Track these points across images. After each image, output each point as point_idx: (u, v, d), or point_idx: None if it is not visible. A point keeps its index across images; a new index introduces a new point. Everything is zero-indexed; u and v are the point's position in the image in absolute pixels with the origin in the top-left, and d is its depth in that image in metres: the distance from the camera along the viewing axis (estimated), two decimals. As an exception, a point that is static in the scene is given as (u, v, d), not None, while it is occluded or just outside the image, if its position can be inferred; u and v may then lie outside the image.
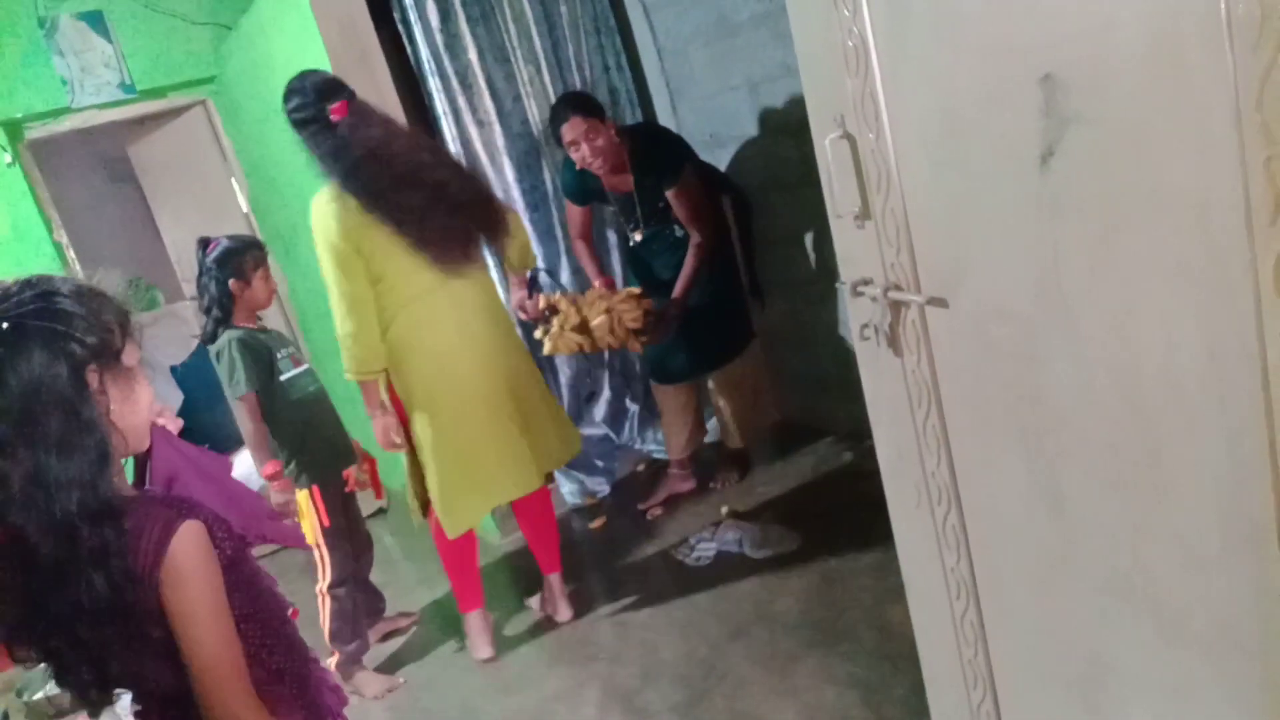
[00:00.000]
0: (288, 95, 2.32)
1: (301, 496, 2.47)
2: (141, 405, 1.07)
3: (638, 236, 3.13)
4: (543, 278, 3.19)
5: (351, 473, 2.62)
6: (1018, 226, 1.02)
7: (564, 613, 2.70)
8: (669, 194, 2.94)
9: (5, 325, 0.97)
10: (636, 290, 2.93)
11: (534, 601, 2.80)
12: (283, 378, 2.49)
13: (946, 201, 1.09)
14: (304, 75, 2.35)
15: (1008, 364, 1.09)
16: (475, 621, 2.63)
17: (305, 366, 2.57)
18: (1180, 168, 0.85)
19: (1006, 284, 1.05)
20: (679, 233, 3.04)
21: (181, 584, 0.99)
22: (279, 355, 2.49)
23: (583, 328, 2.79)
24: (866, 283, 1.23)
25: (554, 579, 2.71)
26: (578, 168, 2.98)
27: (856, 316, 1.28)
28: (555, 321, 2.78)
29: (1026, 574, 1.20)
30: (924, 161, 1.10)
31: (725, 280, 3.08)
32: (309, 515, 2.48)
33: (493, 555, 3.26)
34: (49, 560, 0.96)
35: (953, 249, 1.11)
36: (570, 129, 2.88)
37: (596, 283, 3.07)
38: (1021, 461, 1.13)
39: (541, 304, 2.81)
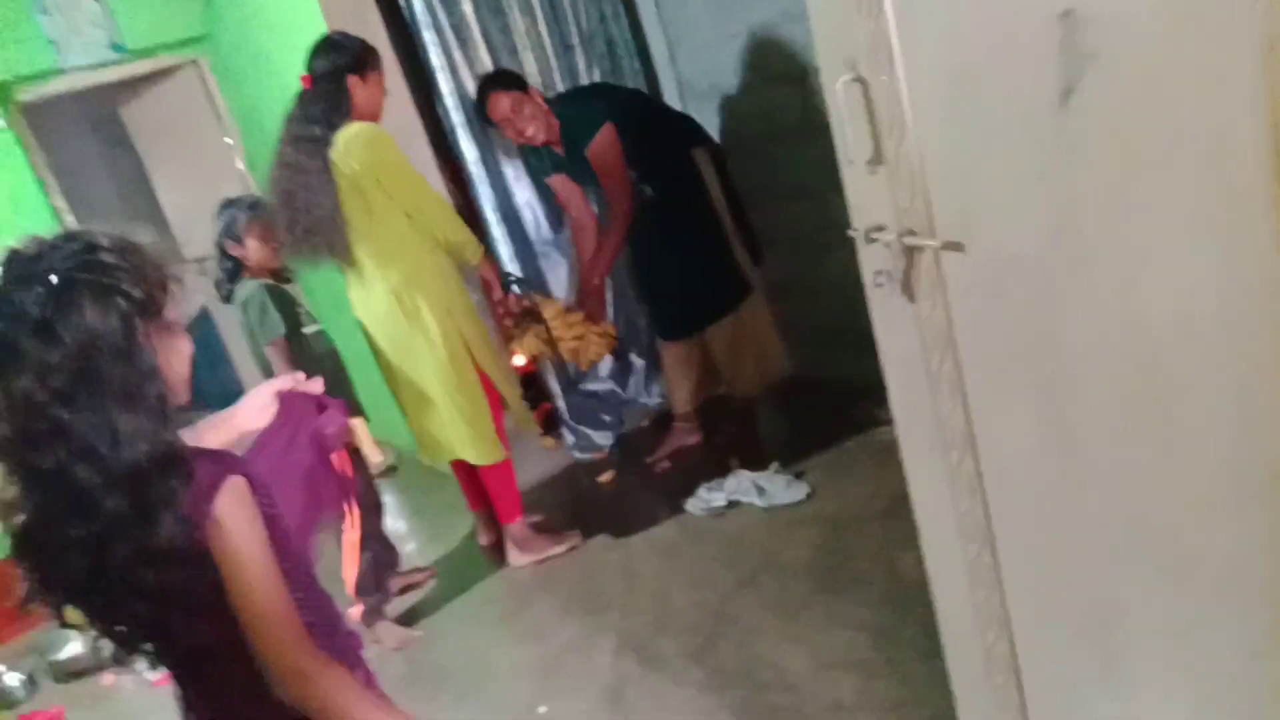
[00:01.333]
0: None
1: (359, 422, 2.51)
2: (183, 358, 1.07)
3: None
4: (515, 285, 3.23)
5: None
6: (1034, 169, 1.01)
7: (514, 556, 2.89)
8: (587, 156, 2.90)
9: (54, 279, 0.95)
10: (613, 329, 3.11)
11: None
12: (305, 330, 2.54)
13: (962, 144, 1.08)
14: (343, 36, 2.57)
15: (1023, 309, 1.09)
16: (514, 530, 2.84)
17: (318, 326, 2.62)
18: (1202, 107, 0.84)
19: (1022, 227, 1.05)
20: (648, 191, 3.01)
21: (229, 535, 1.01)
22: (299, 309, 2.55)
23: (554, 340, 2.93)
24: (880, 229, 1.22)
25: (506, 529, 2.87)
26: (516, 144, 3.00)
27: (869, 264, 1.27)
28: (541, 326, 2.90)
29: (1040, 518, 1.21)
30: (939, 103, 1.09)
31: (707, 235, 3.06)
32: (365, 445, 2.55)
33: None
34: (113, 511, 0.97)
35: (968, 192, 1.10)
36: (494, 107, 2.88)
37: (582, 292, 3.10)
38: (1035, 407, 1.13)
39: (527, 302, 2.91)
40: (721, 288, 3.10)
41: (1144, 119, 0.89)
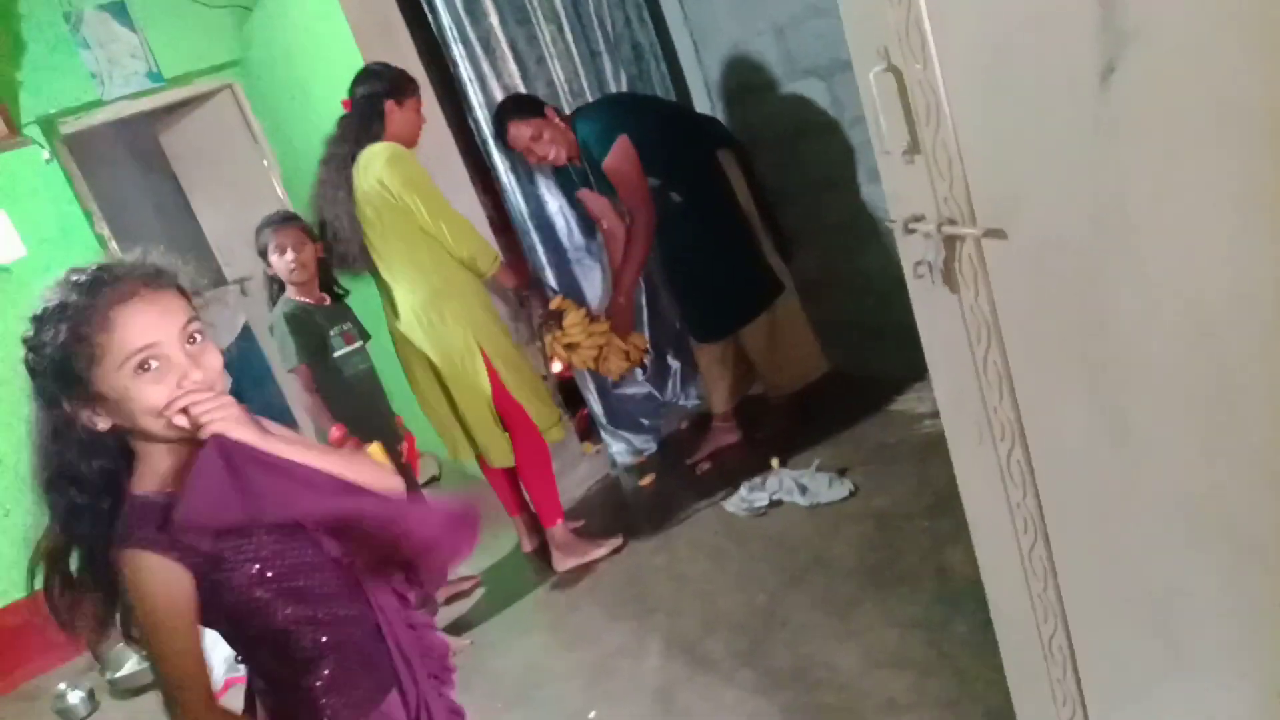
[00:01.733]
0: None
1: (375, 449, 2.50)
2: (149, 403, 1.04)
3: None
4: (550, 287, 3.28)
5: (404, 447, 2.68)
6: (1077, 151, 0.99)
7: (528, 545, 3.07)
8: (605, 170, 2.92)
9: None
10: (642, 342, 3.10)
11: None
12: (335, 355, 2.54)
13: (1000, 129, 1.06)
14: (383, 65, 2.70)
15: (1069, 293, 1.07)
16: (556, 534, 2.88)
17: (357, 344, 2.62)
18: (1251, 79, 0.82)
19: (1066, 212, 1.03)
20: (675, 197, 3.01)
21: (132, 595, 1.04)
22: (331, 332, 2.54)
23: (574, 346, 2.95)
24: (919, 219, 1.21)
25: (548, 533, 2.89)
26: (537, 165, 3.06)
27: (909, 255, 1.26)
28: (559, 333, 2.92)
29: (1094, 505, 1.18)
30: (975, 89, 1.07)
31: (736, 237, 3.05)
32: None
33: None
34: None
35: (1009, 178, 1.08)
36: (514, 138, 2.93)
37: (614, 300, 3.10)
38: (1086, 392, 1.11)
39: (554, 304, 2.95)
40: (753, 288, 3.09)
41: (1191, 94, 0.87)
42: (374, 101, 2.59)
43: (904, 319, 1.34)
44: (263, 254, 2.54)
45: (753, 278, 3.09)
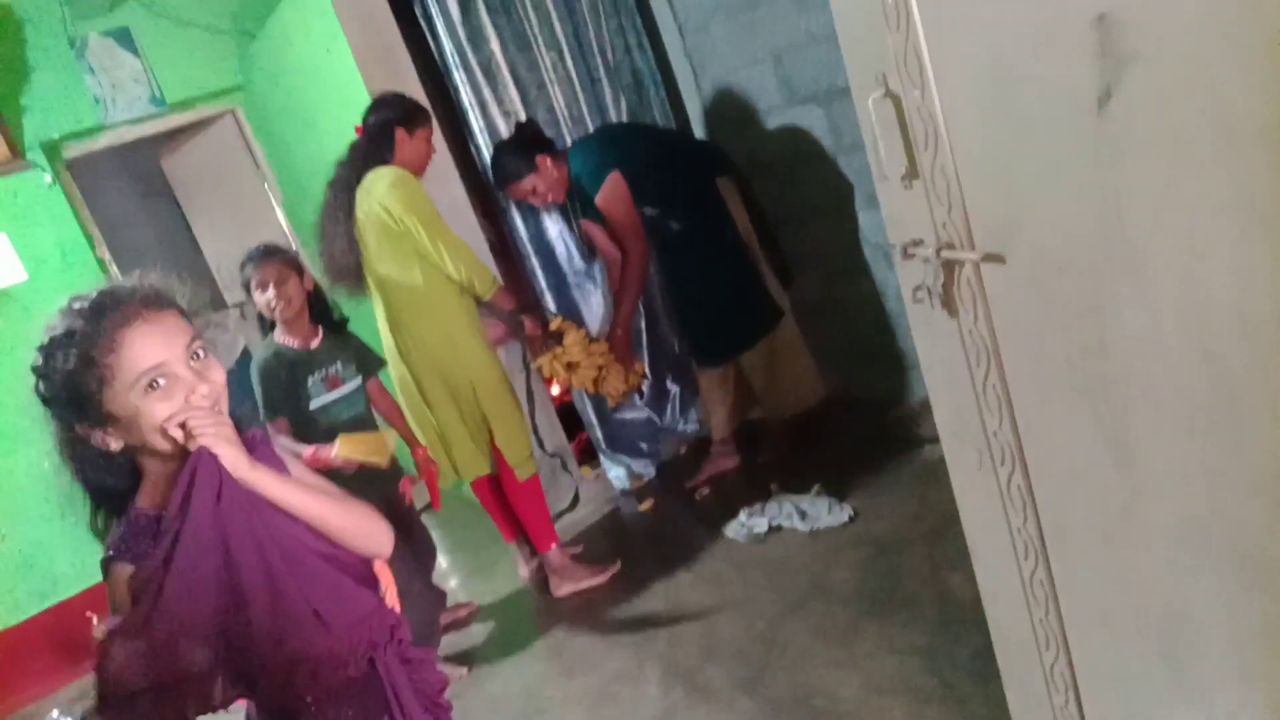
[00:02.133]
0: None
1: (344, 444, 2.26)
2: (159, 420, 1.06)
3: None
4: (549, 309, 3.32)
5: (408, 484, 2.58)
6: (1075, 174, 1.00)
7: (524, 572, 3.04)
8: (598, 206, 2.97)
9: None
10: (640, 367, 3.13)
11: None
12: (311, 406, 2.35)
13: (999, 154, 1.07)
14: (397, 94, 2.74)
15: (1070, 317, 1.07)
16: (552, 559, 2.86)
17: (342, 390, 2.42)
18: (1248, 99, 0.83)
19: (1066, 235, 1.03)
20: (674, 226, 3.02)
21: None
22: (311, 379, 2.35)
23: (574, 366, 2.96)
24: (917, 244, 1.21)
25: (544, 558, 2.88)
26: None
27: (908, 279, 1.26)
28: (559, 351, 2.94)
29: (1096, 529, 1.18)
30: (973, 114, 1.08)
31: (736, 263, 3.06)
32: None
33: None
34: None
35: (1007, 203, 1.09)
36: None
37: (613, 333, 3.11)
38: (1087, 415, 1.11)
39: (555, 325, 2.99)
40: (753, 313, 3.10)
41: (1189, 114, 0.88)
42: (385, 128, 2.62)
43: (902, 344, 1.35)
44: (246, 289, 2.38)
45: (753, 303, 3.09)
